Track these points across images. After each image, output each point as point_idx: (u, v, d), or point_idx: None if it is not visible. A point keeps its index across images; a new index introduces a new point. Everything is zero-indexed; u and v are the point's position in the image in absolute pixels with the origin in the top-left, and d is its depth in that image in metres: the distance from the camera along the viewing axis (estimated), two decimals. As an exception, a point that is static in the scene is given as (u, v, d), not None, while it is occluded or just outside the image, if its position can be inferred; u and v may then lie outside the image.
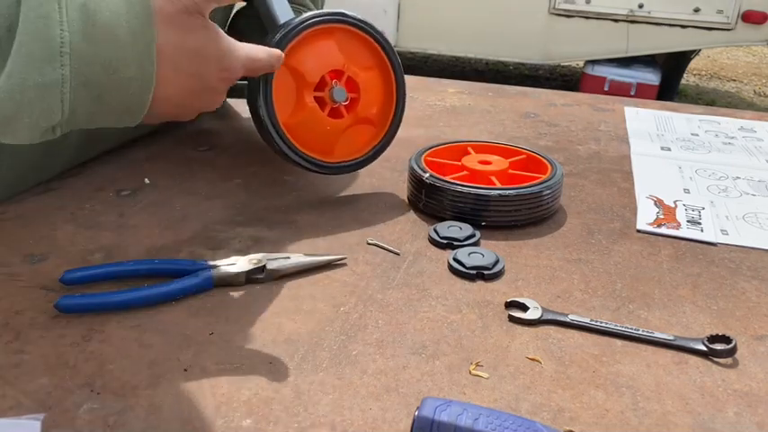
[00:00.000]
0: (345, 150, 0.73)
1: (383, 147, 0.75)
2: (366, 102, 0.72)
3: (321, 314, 0.55)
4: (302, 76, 0.69)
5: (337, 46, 0.70)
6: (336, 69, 0.70)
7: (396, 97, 0.74)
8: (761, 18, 3.74)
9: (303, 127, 0.70)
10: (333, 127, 0.71)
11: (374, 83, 0.73)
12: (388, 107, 0.74)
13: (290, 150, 0.69)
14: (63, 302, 0.52)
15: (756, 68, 6.11)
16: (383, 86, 0.74)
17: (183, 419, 0.43)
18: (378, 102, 0.74)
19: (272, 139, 0.69)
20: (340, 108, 0.71)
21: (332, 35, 0.70)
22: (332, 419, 0.44)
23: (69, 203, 0.71)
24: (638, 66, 4.05)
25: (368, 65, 0.72)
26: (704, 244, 0.69)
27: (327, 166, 0.72)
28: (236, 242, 0.65)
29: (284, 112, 0.69)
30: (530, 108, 1.12)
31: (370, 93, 0.73)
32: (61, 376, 0.46)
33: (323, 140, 0.71)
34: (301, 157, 0.70)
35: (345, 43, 0.71)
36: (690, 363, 0.51)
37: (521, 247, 0.66)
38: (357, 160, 0.74)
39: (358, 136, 0.74)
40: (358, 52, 0.72)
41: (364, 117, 0.73)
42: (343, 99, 0.70)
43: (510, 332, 0.53)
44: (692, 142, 0.99)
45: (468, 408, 0.41)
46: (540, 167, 0.75)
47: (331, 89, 0.70)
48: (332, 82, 0.70)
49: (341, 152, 0.73)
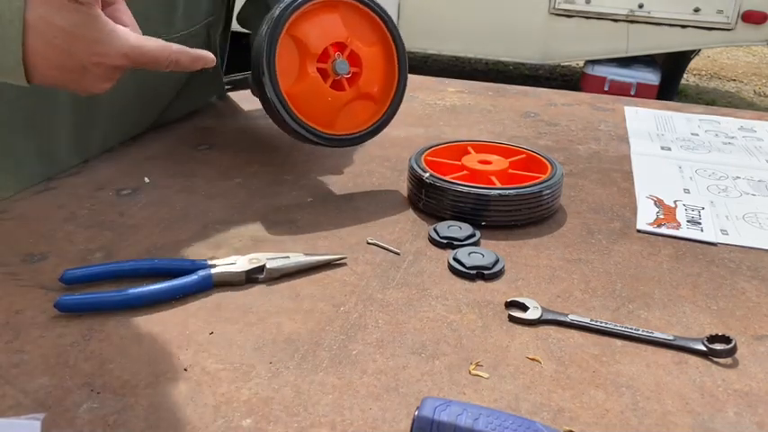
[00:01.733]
0: (347, 124, 0.73)
1: (383, 123, 0.75)
2: (368, 77, 0.73)
3: (321, 314, 0.55)
4: (305, 46, 0.69)
5: (341, 19, 0.71)
6: (340, 42, 0.71)
7: (398, 74, 0.74)
8: (761, 18, 3.74)
9: (305, 97, 0.70)
10: (334, 99, 0.71)
11: (376, 59, 0.73)
12: (389, 84, 0.75)
13: (291, 119, 0.70)
14: (63, 302, 0.52)
15: (756, 68, 6.11)
16: (385, 63, 0.74)
17: (183, 419, 0.43)
18: (379, 78, 0.74)
19: (274, 107, 0.69)
20: (342, 81, 0.71)
21: (336, 8, 0.71)
22: (332, 419, 0.44)
23: (69, 203, 0.71)
24: (638, 66, 4.05)
25: (371, 40, 0.73)
26: (704, 244, 0.68)
27: (328, 137, 0.72)
28: (236, 242, 0.65)
29: (287, 82, 0.69)
30: (530, 108, 1.12)
31: (372, 68, 0.73)
32: (61, 376, 0.46)
33: (324, 112, 0.72)
34: (303, 126, 0.70)
35: (349, 17, 0.71)
36: (690, 363, 0.51)
37: (521, 247, 0.66)
38: (357, 134, 0.74)
39: (359, 111, 0.74)
40: (361, 27, 0.72)
41: (366, 92, 0.73)
42: (345, 71, 0.70)
43: (510, 332, 0.53)
44: (692, 142, 0.99)
45: (468, 408, 0.41)
46: (540, 167, 0.75)
47: (334, 61, 0.70)
48: (335, 54, 0.70)
49: (342, 125, 0.73)
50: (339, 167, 0.84)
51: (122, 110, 0.84)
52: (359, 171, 0.83)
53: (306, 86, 0.70)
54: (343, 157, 0.87)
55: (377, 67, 0.73)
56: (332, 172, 0.82)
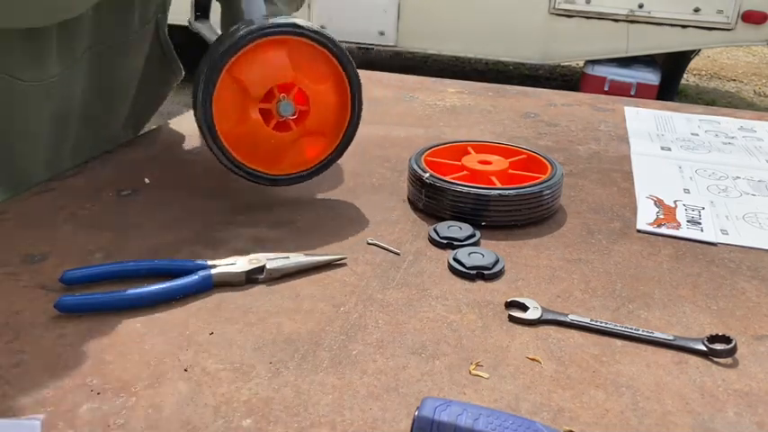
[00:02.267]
0: (294, 161, 0.71)
1: (334, 158, 0.72)
2: (317, 114, 0.69)
3: (321, 314, 0.55)
4: (246, 89, 0.66)
5: (289, 58, 0.67)
6: (286, 83, 0.67)
7: (350, 109, 0.71)
8: (761, 18, 3.74)
9: (247, 139, 0.68)
10: (278, 140, 0.68)
11: (327, 95, 0.70)
12: (341, 119, 0.71)
13: (227, 161, 0.68)
14: (63, 302, 0.52)
15: (756, 68, 6.11)
16: (337, 98, 0.70)
17: (183, 419, 0.43)
18: (330, 114, 0.70)
19: (210, 148, 0.67)
20: (287, 121, 0.68)
21: (283, 46, 0.66)
22: (332, 419, 0.44)
23: (69, 203, 0.71)
24: (638, 66, 4.05)
25: (321, 77, 0.69)
26: (704, 244, 0.69)
27: (270, 178, 0.70)
28: (236, 242, 0.65)
29: (228, 122, 0.67)
30: (530, 108, 1.12)
31: (321, 105, 0.69)
32: (61, 376, 0.46)
33: (268, 152, 0.69)
34: (240, 168, 0.68)
35: (298, 55, 0.67)
36: (690, 363, 0.51)
37: (521, 247, 0.66)
38: (305, 172, 0.72)
39: (308, 147, 0.71)
40: (311, 64, 0.68)
41: (314, 129, 0.70)
42: (290, 113, 0.67)
43: (510, 332, 0.53)
44: (692, 142, 0.99)
45: (468, 408, 0.41)
46: (540, 167, 0.75)
47: (278, 102, 0.67)
48: (280, 95, 0.67)
49: (289, 163, 0.71)
50: (339, 168, 0.83)
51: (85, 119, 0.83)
52: (359, 171, 0.83)
53: (247, 129, 0.67)
54: (343, 158, 0.87)
55: (327, 104, 0.70)
56: (332, 172, 0.82)
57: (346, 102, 0.70)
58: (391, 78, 1.26)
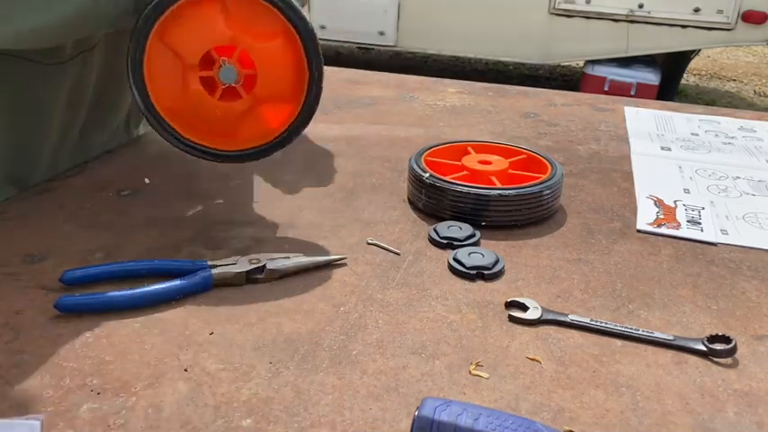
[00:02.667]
0: (253, 134, 0.63)
1: (299, 126, 0.63)
2: (268, 78, 0.61)
3: (321, 314, 0.55)
4: (180, 55, 0.59)
5: (223, 16, 0.59)
6: (224, 45, 0.60)
7: (308, 67, 0.61)
8: (761, 18, 3.74)
9: (191, 112, 0.61)
10: (227, 111, 0.61)
11: (276, 55, 0.61)
12: (300, 79, 0.62)
13: (173, 138, 0.61)
14: (63, 302, 0.52)
15: (756, 68, 6.11)
16: (290, 57, 0.61)
17: (183, 419, 0.43)
18: (286, 75, 0.61)
19: (153, 127, 0.61)
20: (235, 88, 0.60)
21: (216, 2, 0.59)
22: (332, 419, 0.44)
23: (69, 203, 0.71)
24: (638, 66, 4.05)
25: (266, 35, 0.60)
26: (704, 244, 0.68)
27: (224, 154, 0.63)
28: (236, 242, 0.65)
29: (168, 97, 0.60)
30: (530, 108, 1.12)
31: (272, 67, 0.61)
32: (61, 376, 0.46)
33: (218, 126, 0.61)
34: (188, 145, 0.62)
35: (236, 11, 0.59)
36: (690, 363, 0.51)
37: (521, 247, 0.66)
38: (268, 144, 0.63)
39: (267, 116, 0.63)
40: (252, 20, 0.59)
41: (270, 95, 0.62)
42: (233, 79, 0.60)
43: (510, 332, 0.53)
44: (692, 142, 0.99)
45: (468, 408, 0.41)
46: (540, 167, 0.75)
47: (220, 68, 0.59)
48: (220, 59, 0.59)
49: (247, 136, 0.63)
50: (339, 168, 0.84)
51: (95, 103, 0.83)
52: (359, 171, 0.83)
53: (190, 101, 0.60)
54: (343, 158, 0.87)
55: (279, 64, 0.61)
56: (332, 172, 0.82)
57: (301, 59, 0.61)
58: (391, 78, 1.26)
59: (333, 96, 1.13)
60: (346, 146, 0.91)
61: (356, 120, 1.02)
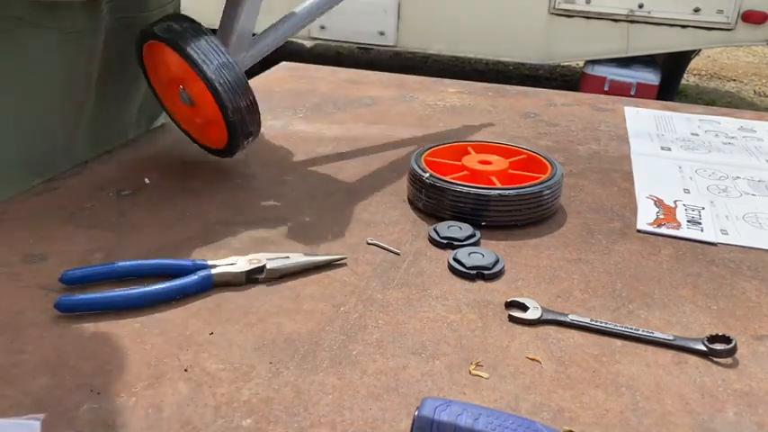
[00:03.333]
0: (213, 140, 0.78)
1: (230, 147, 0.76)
2: (202, 106, 0.74)
3: (321, 314, 0.55)
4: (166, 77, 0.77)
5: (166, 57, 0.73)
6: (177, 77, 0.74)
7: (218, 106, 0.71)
8: (761, 18, 3.74)
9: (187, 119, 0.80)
10: (194, 119, 0.78)
11: (203, 92, 0.71)
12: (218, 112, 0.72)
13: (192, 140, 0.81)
14: (63, 302, 0.52)
15: (756, 68, 6.11)
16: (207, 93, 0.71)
17: (183, 419, 0.43)
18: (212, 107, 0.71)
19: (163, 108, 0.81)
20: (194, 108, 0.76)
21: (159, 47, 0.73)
22: (332, 419, 0.44)
23: (69, 203, 0.71)
24: (638, 66, 4.05)
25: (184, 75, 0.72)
26: (704, 244, 0.68)
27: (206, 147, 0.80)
28: (236, 242, 0.65)
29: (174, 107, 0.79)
30: (530, 108, 1.12)
31: (201, 98, 0.73)
32: (61, 376, 0.46)
33: (196, 128, 0.80)
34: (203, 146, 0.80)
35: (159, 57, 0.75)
36: (690, 363, 0.51)
37: (521, 247, 0.66)
38: (224, 149, 0.77)
39: (211, 132, 0.78)
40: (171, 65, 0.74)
41: (206, 118, 0.76)
42: (188, 101, 0.75)
43: (510, 332, 0.53)
44: (692, 142, 0.99)
45: (468, 408, 0.41)
46: (540, 167, 0.75)
47: (181, 90, 0.74)
48: (179, 86, 0.74)
49: (214, 140, 0.78)
50: (339, 168, 0.84)
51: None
52: (359, 171, 0.83)
53: (182, 112, 0.79)
54: (343, 158, 0.87)
55: (205, 97, 0.71)
56: (332, 172, 0.82)
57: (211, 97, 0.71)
58: (391, 78, 1.26)
59: (333, 96, 1.13)
60: (346, 146, 0.91)
61: (356, 120, 1.02)
